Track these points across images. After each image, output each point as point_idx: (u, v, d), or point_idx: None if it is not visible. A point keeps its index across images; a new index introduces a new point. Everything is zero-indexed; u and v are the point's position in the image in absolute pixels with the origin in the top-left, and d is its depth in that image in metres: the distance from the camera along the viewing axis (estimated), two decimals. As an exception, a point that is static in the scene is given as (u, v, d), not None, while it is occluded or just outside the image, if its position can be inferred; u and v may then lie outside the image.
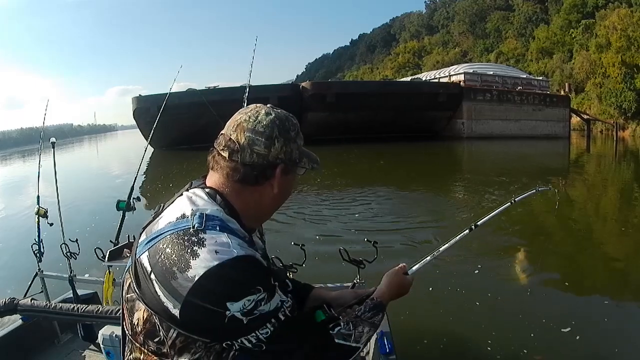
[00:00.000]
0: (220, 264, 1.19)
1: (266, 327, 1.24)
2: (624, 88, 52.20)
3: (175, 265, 1.21)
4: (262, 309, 1.23)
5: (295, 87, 40.43)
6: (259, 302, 1.22)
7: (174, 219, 1.31)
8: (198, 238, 1.23)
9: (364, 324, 1.45)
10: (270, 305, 1.25)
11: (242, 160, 1.36)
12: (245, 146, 1.35)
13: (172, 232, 1.27)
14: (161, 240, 1.27)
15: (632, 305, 6.20)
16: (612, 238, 9.97)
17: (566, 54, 70.06)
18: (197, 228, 1.25)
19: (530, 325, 5.27)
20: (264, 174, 1.40)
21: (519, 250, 8.16)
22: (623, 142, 44.04)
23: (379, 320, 1.52)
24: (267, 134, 1.36)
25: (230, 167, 1.38)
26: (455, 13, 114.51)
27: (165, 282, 1.21)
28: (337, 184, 16.91)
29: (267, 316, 1.24)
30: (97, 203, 14.57)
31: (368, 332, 1.45)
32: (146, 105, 35.29)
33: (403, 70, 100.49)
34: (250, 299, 1.20)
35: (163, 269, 1.22)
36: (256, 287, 1.22)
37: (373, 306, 1.53)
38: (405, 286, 1.71)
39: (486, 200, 13.16)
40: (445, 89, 43.26)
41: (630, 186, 17.67)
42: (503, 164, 22.58)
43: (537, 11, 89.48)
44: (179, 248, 1.23)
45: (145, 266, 1.27)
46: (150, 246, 1.29)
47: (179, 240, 1.24)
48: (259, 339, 1.23)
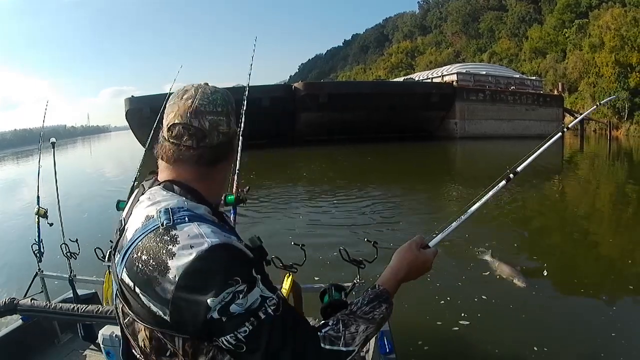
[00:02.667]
0: (196, 257, 1.12)
1: (244, 325, 1.11)
2: (618, 87, 52.50)
3: (155, 270, 1.15)
4: (240, 302, 1.11)
5: (288, 88, 40.47)
6: (237, 294, 1.11)
7: (139, 225, 1.24)
8: (170, 236, 1.17)
9: (359, 321, 1.27)
10: (248, 299, 1.12)
11: (210, 144, 1.31)
12: (211, 129, 1.30)
13: (143, 236, 1.21)
14: (134, 249, 1.20)
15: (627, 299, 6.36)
16: (608, 235, 10.12)
17: (559, 54, 70.58)
18: (167, 225, 1.19)
19: (531, 325, 5.31)
20: (228, 149, 1.39)
21: (519, 249, 8.25)
22: (617, 142, 44.49)
23: (380, 315, 1.31)
24: (225, 112, 1.33)
25: (198, 154, 1.31)
26: (448, 13, 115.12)
27: (151, 290, 1.15)
28: (329, 183, 17.19)
29: (245, 314, 1.12)
30: (97, 203, 14.87)
31: (364, 330, 1.26)
32: (139, 106, 35.55)
33: (396, 71, 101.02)
34: (229, 291, 1.10)
35: (145, 279, 1.16)
36: (234, 277, 1.12)
37: (373, 297, 1.34)
38: (422, 263, 1.50)
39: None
40: (438, 89, 43.46)
41: (623, 185, 17.82)
42: (497, 163, 21.92)
43: (530, 11, 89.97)
44: (154, 252, 1.16)
45: (128, 283, 1.21)
46: (126, 261, 1.22)
47: (152, 243, 1.18)
48: (237, 339, 1.12)
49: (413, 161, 26.71)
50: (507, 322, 5.54)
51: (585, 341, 5.04)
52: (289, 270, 2.61)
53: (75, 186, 18.41)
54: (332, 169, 21.70)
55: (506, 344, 4.97)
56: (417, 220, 11.27)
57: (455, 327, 5.36)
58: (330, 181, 17.69)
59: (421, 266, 1.49)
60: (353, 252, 2.40)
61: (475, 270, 7.15)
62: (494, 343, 4.97)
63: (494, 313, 5.80)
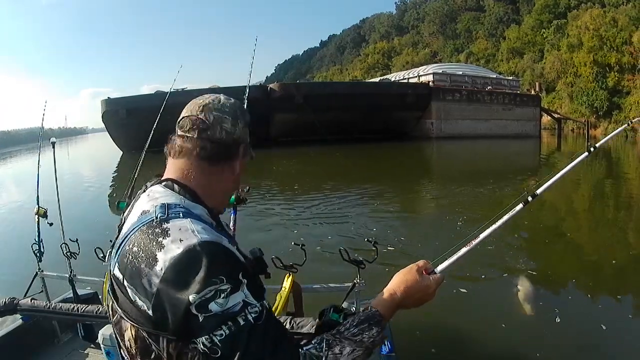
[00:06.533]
0: (184, 251, 1.11)
1: (221, 328, 1.07)
2: (596, 87, 53.16)
3: (143, 262, 1.13)
4: (220, 302, 1.07)
5: (263, 89, 39.48)
6: (218, 292, 1.07)
7: (135, 219, 1.25)
8: (162, 229, 1.17)
9: (344, 343, 1.17)
10: (229, 301, 1.08)
11: (212, 137, 1.36)
12: (214, 123, 1.37)
13: (137, 229, 1.21)
14: (127, 242, 1.21)
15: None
16: (586, 233, 10.50)
17: (537, 54, 71.41)
18: (160, 218, 1.19)
19: (532, 326, 5.42)
20: (230, 152, 1.41)
21: (520, 254, 8.07)
22: (594, 141, 44.22)
23: (369, 339, 1.21)
24: (232, 114, 1.40)
25: (199, 145, 1.35)
26: (425, 14, 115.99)
27: (137, 283, 1.14)
28: (307, 184, 17.35)
29: (223, 316, 1.07)
30: (96, 204, 15.38)
31: (350, 353, 1.15)
32: (115, 108, 35.76)
33: (372, 71, 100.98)
34: (211, 288, 1.07)
35: (133, 270, 1.15)
36: (219, 276, 1.09)
37: (364, 318, 1.24)
38: (425, 289, 1.38)
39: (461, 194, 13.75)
40: (413, 89, 43.29)
41: (600, 183, 18.17)
42: (473, 164, 23.55)
43: (508, 12, 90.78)
44: (145, 243, 1.16)
45: (118, 276, 1.20)
46: (118, 254, 1.23)
47: (144, 235, 1.18)
48: (213, 342, 1.07)
49: (390, 161, 26.40)
50: (509, 323, 5.47)
51: (590, 341, 5.01)
52: (289, 270, 2.58)
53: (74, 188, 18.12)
54: (304, 170, 22.13)
55: (508, 345, 4.99)
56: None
57: (456, 327, 5.34)
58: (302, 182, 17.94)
59: (423, 292, 1.37)
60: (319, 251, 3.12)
61: (476, 271, 7.06)
62: (496, 343, 5.00)
63: (495, 314, 5.74)
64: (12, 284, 6.31)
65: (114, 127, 36.58)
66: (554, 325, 5.34)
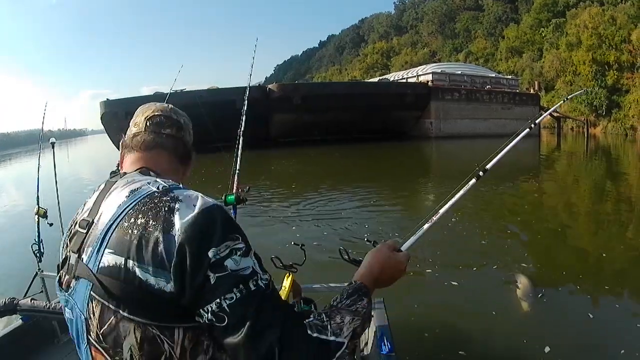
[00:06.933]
0: (199, 211, 1.09)
1: (232, 291, 1.03)
2: (595, 85, 52.83)
3: (156, 230, 1.07)
4: (236, 259, 1.06)
5: (262, 89, 39.36)
6: (234, 250, 1.07)
7: (123, 199, 1.18)
8: (170, 196, 1.13)
9: (343, 312, 1.16)
10: (242, 262, 1.07)
11: (185, 139, 1.47)
12: (186, 127, 1.49)
13: (133, 204, 1.14)
14: (123, 219, 1.12)
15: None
16: (585, 231, 10.44)
17: (536, 53, 71.26)
18: (164, 188, 1.17)
19: (531, 324, 5.37)
20: (191, 155, 1.50)
21: (519, 252, 8.18)
22: (594, 139, 45.54)
23: (363, 308, 1.21)
24: (189, 123, 1.52)
25: (176, 143, 1.43)
26: (424, 13, 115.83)
27: (149, 255, 1.05)
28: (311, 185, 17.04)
29: (236, 277, 1.05)
30: None
31: (350, 322, 1.15)
32: (114, 109, 35.40)
33: (371, 71, 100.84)
34: (228, 244, 1.07)
35: (142, 243, 1.06)
36: (234, 234, 1.10)
37: (352, 291, 1.25)
38: (395, 265, 1.41)
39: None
40: (412, 89, 43.19)
41: (600, 182, 18.07)
42: (473, 163, 22.60)
43: (507, 11, 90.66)
44: (154, 212, 1.10)
45: (114, 263, 1.08)
46: (108, 241, 1.12)
47: (149, 205, 1.12)
48: (221, 308, 1.02)
49: (389, 161, 26.47)
50: (510, 322, 5.48)
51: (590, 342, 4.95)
52: (289, 270, 2.57)
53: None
54: (303, 171, 21.80)
55: (509, 343, 4.94)
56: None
57: (456, 327, 5.31)
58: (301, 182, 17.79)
59: (394, 267, 1.40)
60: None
61: (476, 271, 7.18)
62: (496, 343, 4.98)
63: (496, 312, 5.68)
64: (12, 284, 6.36)
65: (113, 128, 35.56)
66: (553, 323, 5.32)
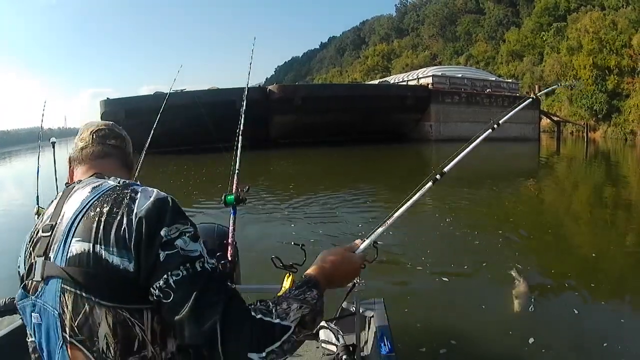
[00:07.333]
0: (155, 199, 1.19)
1: (179, 269, 1.09)
2: (595, 90, 53.02)
3: (118, 214, 1.15)
4: (185, 239, 1.14)
5: (262, 90, 39.48)
6: (184, 232, 1.15)
7: (85, 195, 1.24)
8: (130, 189, 1.22)
9: (289, 300, 1.18)
10: (190, 244, 1.14)
11: (128, 150, 1.59)
12: (127, 140, 1.60)
13: (95, 198, 1.21)
14: (89, 209, 1.19)
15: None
16: (583, 235, 10.53)
17: (537, 57, 71.34)
18: (124, 183, 1.27)
19: (528, 325, 5.37)
20: (132, 165, 1.61)
21: (517, 255, 8.08)
22: (594, 144, 45.55)
23: (312, 299, 1.22)
24: (129, 138, 1.63)
25: (122, 153, 1.55)
26: (425, 16, 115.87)
27: (113, 238, 1.12)
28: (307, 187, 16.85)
29: (184, 257, 1.11)
30: None
31: (298, 309, 1.16)
32: (114, 108, 35.01)
33: (372, 73, 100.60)
34: (178, 226, 1.15)
35: (107, 228, 1.13)
36: (184, 219, 1.19)
37: (300, 284, 1.27)
38: (348, 263, 1.45)
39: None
40: (413, 92, 43.20)
41: (599, 187, 18.02)
42: (472, 166, 22.42)
43: (508, 14, 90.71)
44: (118, 200, 1.18)
45: (81, 250, 1.13)
46: (74, 231, 1.17)
47: (113, 195, 1.21)
48: (168, 284, 1.08)
49: (390, 164, 26.44)
50: (509, 322, 5.52)
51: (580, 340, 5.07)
52: (289, 270, 2.22)
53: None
54: (303, 171, 22.02)
55: (508, 344, 5.00)
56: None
57: (456, 327, 5.33)
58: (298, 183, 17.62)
59: (348, 265, 1.44)
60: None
61: (476, 271, 7.19)
62: (496, 343, 5.03)
63: (495, 313, 5.78)
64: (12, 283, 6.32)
65: (114, 128, 36.00)
66: (538, 317, 5.50)
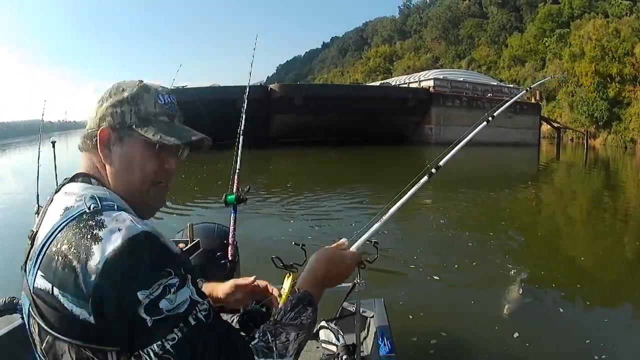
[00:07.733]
0: (126, 240, 0.99)
1: (173, 332, 0.98)
2: (597, 97, 53.01)
3: (75, 259, 0.99)
4: (170, 298, 0.98)
5: (263, 89, 39.29)
6: (167, 288, 0.99)
7: (57, 218, 1.09)
8: (96, 221, 1.04)
9: (287, 329, 1.15)
10: (177, 298, 1.00)
11: (89, 127, 1.29)
12: (91, 115, 1.31)
13: (63, 226, 1.06)
14: (51, 244, 1.04)
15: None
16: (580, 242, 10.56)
17: (539, 62, 71.41)
18: (94, 209, 1.07)
19: (530, 326, 5.40)
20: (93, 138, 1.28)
21: (516, 260, 7.99)
22: (593, 151, 45.53)
23: (307, 319, 1.21)
24: (100, 97, 1.30)
25: (93, 134, 1.28)
26: (428, 19, 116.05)
27: (71, 285, 0.98)
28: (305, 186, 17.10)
29: (174, 317, 0.99)
30: None
31: (295, 338, 1.15)
32: None
33: (374, 75, 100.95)
34: (160, 282, 0.98)
35: (65, 272, 0.99)
36: (166, 268, 1.00)
37: (296, 301, 1.24)
38: (341, 262, 1.42)
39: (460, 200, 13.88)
40: (414, 94, 43.02)
41: (598, 194, 18.19)
42: (472, 170, 22.52)
43: (511, 19, 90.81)
44: (77, 238, 1.02)
45: (44, 287, 1.02)
46: (41, 261, 1.05)
47: (74, 230, 1.03)
48: (164, 350, 0.97)
49: (389, 165, 25.81)
50: (509, 322, 5.49)
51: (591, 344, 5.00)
52: (289, 270, 2.11)
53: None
54: (303, 171, 22.09)
55: (508, 344, 4.97)
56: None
57: (455, 328, 5.30)
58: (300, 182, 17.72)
59: (340, 265, 1.40)
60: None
61: (476, 270, 7.28)
62: (496, 343, 5.02)
63: (495, 313, 5.75)
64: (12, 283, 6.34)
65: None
66: (525, 315, 5.59)
